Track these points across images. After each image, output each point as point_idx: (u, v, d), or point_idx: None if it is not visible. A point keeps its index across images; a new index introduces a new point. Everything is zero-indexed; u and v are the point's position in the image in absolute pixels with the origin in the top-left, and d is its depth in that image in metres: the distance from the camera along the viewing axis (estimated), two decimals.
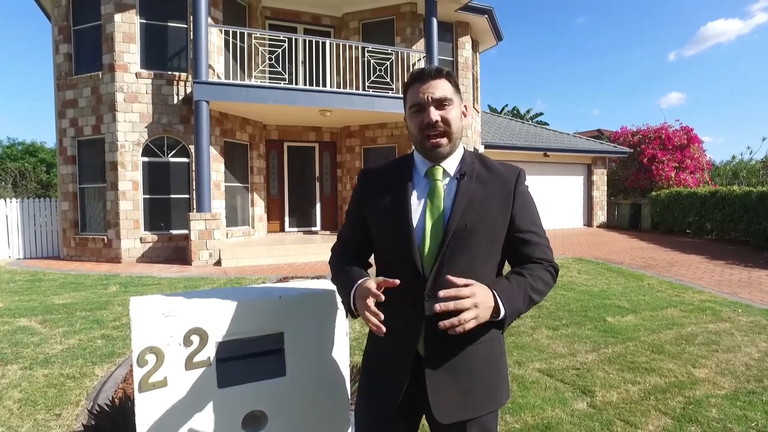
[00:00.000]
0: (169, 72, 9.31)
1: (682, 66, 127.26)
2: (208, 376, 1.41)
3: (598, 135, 23.69)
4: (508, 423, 2.69)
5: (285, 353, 1.52)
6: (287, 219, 11.74)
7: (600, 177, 16.95)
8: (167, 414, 1.37)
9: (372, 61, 10.61)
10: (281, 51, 10.04)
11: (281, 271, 7.90)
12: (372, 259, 1.39)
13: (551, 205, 15.67)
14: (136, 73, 9.06)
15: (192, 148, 9.20)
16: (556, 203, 15.96)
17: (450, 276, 1.11)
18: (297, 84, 10.70)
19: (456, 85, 1.28)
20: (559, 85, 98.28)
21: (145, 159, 9.26)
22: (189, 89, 9.32)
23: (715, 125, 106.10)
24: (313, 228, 11.95)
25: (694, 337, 4.23)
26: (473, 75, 12.71)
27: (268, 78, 10.46)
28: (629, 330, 4.46)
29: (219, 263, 8.66)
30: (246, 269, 8.19)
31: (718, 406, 2.88)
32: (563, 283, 6.60)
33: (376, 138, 11.42)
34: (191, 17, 8.94)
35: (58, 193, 10.15)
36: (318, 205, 11.99)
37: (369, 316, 1.12)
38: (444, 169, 1.28)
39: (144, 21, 9.16)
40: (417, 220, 1.24)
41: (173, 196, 9.47)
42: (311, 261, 8.94)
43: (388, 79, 10.72)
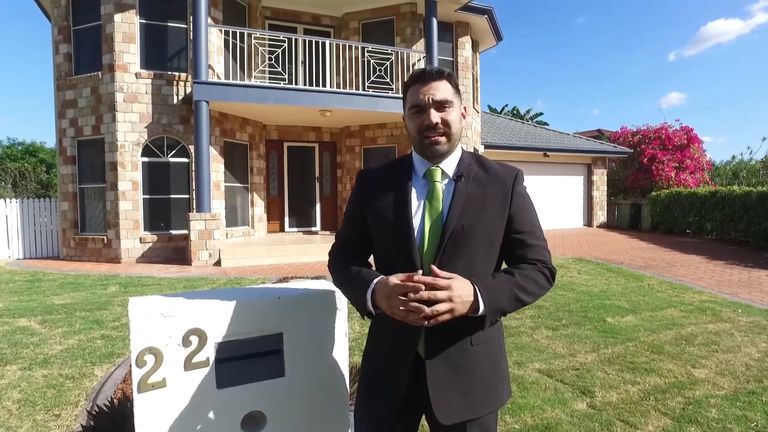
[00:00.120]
0: (169, 72, 9.31)
1: (682, 66, 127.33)
2: (207, 376, 1.41)
3: (598, 135, 23.71)
4: (507, 423, 2.69)
5: (284, 354, 1.52)
6: (287, 219, 11.75)
7: (600, 177, 16.95)
8: (166, 415, 1.36)
9: (372, 61, 10.61)
10: (281, 51, 10.04)
11: (281, 272, 7.90)
12: (371, 260, 1.38)
13: (551, 205, 15.68)
14: (135, 73, 9.06)
15: (192, 148, 9.20)
16: (556, 203, 15.97)
17: (434, 267, 1.12)
18: (297, 84, 10.71)
19: (456, 87, 1.28)
20: (559, 85, 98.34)
21: (145, 159, 9.26)
22: (189, 89, 9.32)
23: (715, 125, 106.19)
24: (313, 228, 11.95)
25: (693, 338, 4.23)
26: (473, 75, 12.71)
27: (268, 78, 10.46)
28: (629, 330, 4.46)
29: (219, 263, 8.66)
30: (246, 269, 8.19)
31: (717, 406, 2.88)
32: (563, 284, 6.60)
33: (376, 138, 11.42)
34: (191, 17, 8.95)
35: (57, 194, 10.15)
36: (318, 206, 11.99)
37: (411, 306, 1.09)
38: (442, 170, 1.28)
39: (144, 21, 9.16)
40: (416, 221, 1.24)
41: (173, 196, 9.47)
42: (311, 261, 8.94)
43: (388, 80, 10.72)
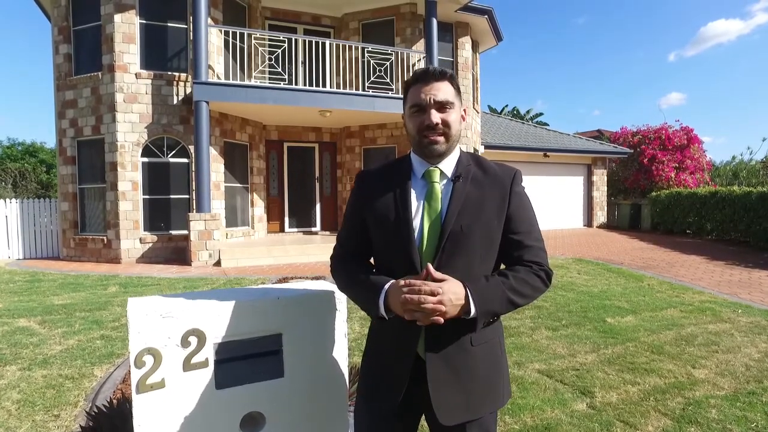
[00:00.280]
0: (169, 72, 9.31)
1: (682, 66, 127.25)
2: (206, 377, 1.41)
3: (598, 135, 23.71)
4: (507, 424, 2.69)
5: (283, 354, 1.52)
6: (287, 219, 11.74)
7: (600, 177, 16.95)
8: (165, 415, 1.36)
9: (372, 62, 10.61)
10: (281, 51, 10.04)
11: (281, 272, 7.90)
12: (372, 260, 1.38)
13: (551, 206, 15.68)
14: (135, 74, 9.06)
15: (192, 148, 9.20)
16: (556, 204, 15.97)
17: (430, 266, 1.13)
18: (297, 84, 10.71)
19: (458, 88, 1.28)
20: (559, 86, 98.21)
21: (145, 159, 9.26)
22: (189, 89, 9.32)
23: (716, 125, 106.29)
24: (313, 228, 11.94)
25: (693, 338, 4.22)
26: (473, 75, 12.71)
27: (268, 78, 10.46)
28: (629, 331, 4.45)
29: (219, 264, 8.66)
30: (246, 270, 8.19)
31: (717, 406, 2.88)
32: (563, 284, 6.60)
33: (375, 138, 11.42)
34: (191, 17, 8.95)
35: (57, 194, 10.15)
36: (318, 206, 11.99)
37: (427, 307, 1.09)
38: (441, 171, 1.28)
39: (144, 21, 9.16)
40: (415, 221, 1.24)
41: (173, 196, 9.47)
42: (311, 261, 8.94)
43: (387, 80, 10.72)
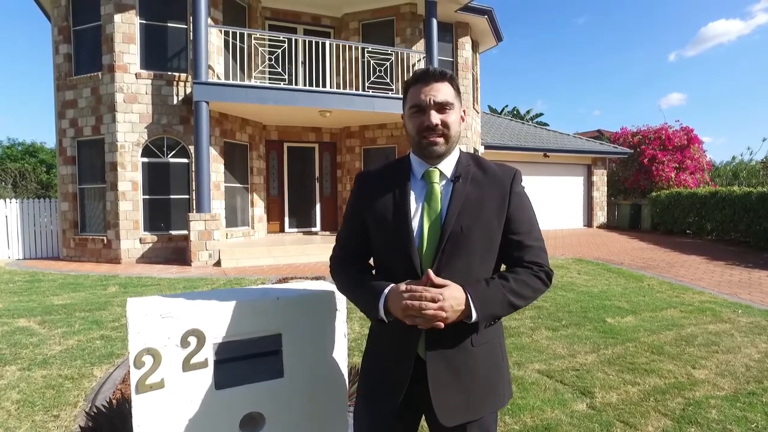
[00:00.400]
0: (169, 72, 9.31)
1: (682, 66, 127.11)
2: (205, 377, 1.41)
3: (598, 135, 23.71)
4: (507, 424, 2.68)
5: (283, 354, 1.52)
6: (287, 219, 11.74)
7: (600, 178, 16.95)
8: (164, 416, 1.36)
9: (372, 62, 10.61)
10: (281, 51, 10.04)
11: (281, 272, 7.90)
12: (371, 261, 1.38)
13: (551, 206, 15.68)
14: (135, 74, 9.06)
15: (192, 148, 9.20)
16: (556, 204, 15.97)
17: (431, 272, 1.14)
18: (297, 84, 10.71)
19: (458, 89, 1.28)
20: (559, 86, 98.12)
21: (145, 159, 9.26)
22: (189, 90, 9.32)
23: (716, 126, 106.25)
24: (313, 228, 11.94)
25: (693, 338, 4.22)
26: (473, 75, 12.71)
27: (268, 78, 10.46)
28: (629, 331, 4.45)
29: (219, 264, 8.65)
30: (246, 270, 8.19)
31: (717, 407, 2.88)
32: (563, 284, 6.60)
33: (375, 138, 11.42)
34: (191, 18, 8.95)
35: (57, 194, 10.15)
36: (318, 206, 11.99)
37: (428, 313, 1.09)
38: (441, 172, 1.27)
39: (144, 21, 9.16)
40: (415, 222, 1.23)
41: (173, 196, 9.47)
42: (311, 261, 8.94)
43: (387, 80, 10.72)
